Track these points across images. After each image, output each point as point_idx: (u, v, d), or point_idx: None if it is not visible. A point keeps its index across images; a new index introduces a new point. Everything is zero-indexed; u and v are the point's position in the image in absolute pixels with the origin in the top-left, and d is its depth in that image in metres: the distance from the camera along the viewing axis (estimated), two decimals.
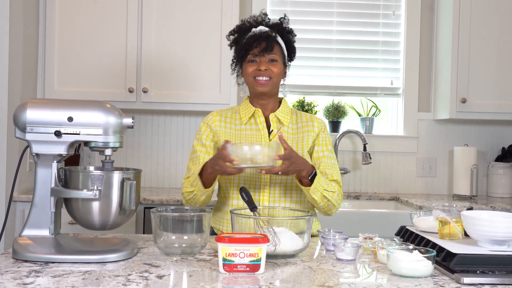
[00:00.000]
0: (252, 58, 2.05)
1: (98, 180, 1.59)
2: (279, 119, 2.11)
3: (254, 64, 2.05)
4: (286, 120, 2.11)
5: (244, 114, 2.12)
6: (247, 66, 2.07)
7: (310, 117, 2.16)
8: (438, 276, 1.46)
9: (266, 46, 2.02)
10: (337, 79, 3.70)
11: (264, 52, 2.02)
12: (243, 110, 2.13)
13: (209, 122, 2.13)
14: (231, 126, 2.12)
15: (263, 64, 2.03)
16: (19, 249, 1.54)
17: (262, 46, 2.02)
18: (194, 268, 1.49)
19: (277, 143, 1.86)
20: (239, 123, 2.12)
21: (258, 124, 2.09)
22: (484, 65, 3.38)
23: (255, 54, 2.04)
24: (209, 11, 3.27)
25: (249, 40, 2.04)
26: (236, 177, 2.02)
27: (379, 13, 3.70)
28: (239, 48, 2.08)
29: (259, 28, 2.07)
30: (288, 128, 2.11)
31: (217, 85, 3.28)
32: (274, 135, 2.08)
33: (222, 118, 2.14)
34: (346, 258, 1.62)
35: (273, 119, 2.11)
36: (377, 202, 3.53)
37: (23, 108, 1.60)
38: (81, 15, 3.25)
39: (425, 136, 3.73)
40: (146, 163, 3.61)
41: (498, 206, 3.12)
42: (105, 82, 3.25)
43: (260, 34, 2.04)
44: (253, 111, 2.11)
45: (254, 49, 2.03)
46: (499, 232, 1.49)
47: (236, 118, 2.14)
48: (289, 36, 2.14)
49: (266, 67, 2.03)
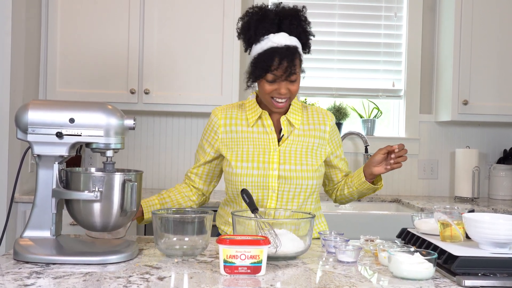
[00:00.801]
0: (271, 79, 1.90)
1: (100, 181, 1.59)
2: (290, 122, 2.03)
3: (273, 85, 1.91)
4: (298, 121, 2.03)
5: (251, 115, 2.03)
6: (264, 84, 1.92)
7: (323, 119, 2.08)
8: (439, 278, 1.46)
9: (288, 66, 1.87)
10: (338, 80, 3.71)
11: (286, 74, 1.88)
12: (250, 109, 2.04)
13: (215, 127, 2.05)
14: (237, 129, 2.03)
15: (283, 87, 1.90)
16: (20, 250, 1.54)
17: (284, 65, 1.86)
18: (195, 270, 1.49)
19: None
20: (246, 124, 2.03)
21: (266, 127, 2.02)
22: (486, 67, 3.37)
23: (276, 76, 1.89)
24: (211, 12, 3.27)
25: (269, 55, 1.87)
26: (244, 180, 1.96)
27: (381, 15, 3.70)
28: (257, 61, 1.90)
29: (279, 40, 1.89)
30: (299, 130, 2.03)
31: (219, 86, 3.28)
32: (284, 140, 2.01)
33: (228, 121, 2.04)
34: (347, 260, 1.62)
35: (284, 122, 2.02)
36: (379, 204, 3.52)
37: (25, 109, 1.60)
38: (83, 17, 3.25)
39: (426, 138, 3.73)
40: (148, 164, 3.61)
41: (499, 209, 3.12)
42: (106, 83, 3.25)
43: (281, 51, 1.87)
44: (259, 113, 2.02)
45: (275, 71, 1.88)
46: (500, 234, 1.49)
47: (242, 118, 2.04)
48: (308, 24, 2.00)
49: (286, 90, 1.91)
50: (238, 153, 1.99)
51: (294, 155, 1.98)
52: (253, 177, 1.95)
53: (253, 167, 1.96)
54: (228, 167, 2.00)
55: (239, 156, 1.99)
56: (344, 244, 1.66)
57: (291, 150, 1.99)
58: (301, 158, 1.98)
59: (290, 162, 1.97)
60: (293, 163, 1.96)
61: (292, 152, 1.99)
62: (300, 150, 2.00)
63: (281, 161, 1.97)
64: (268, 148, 1.99)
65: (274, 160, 1.96)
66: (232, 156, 1.99)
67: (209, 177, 2.12)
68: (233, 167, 1.97)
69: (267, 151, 1.98)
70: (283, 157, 1.97)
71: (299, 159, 1.98)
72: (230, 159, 1.99)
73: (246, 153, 1.99)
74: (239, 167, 1.97)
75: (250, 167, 1.96)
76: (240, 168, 1.96)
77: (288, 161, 1.97)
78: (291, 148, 2.00)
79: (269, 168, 1.95)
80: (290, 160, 1.97)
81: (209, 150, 2.07)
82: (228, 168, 2.00)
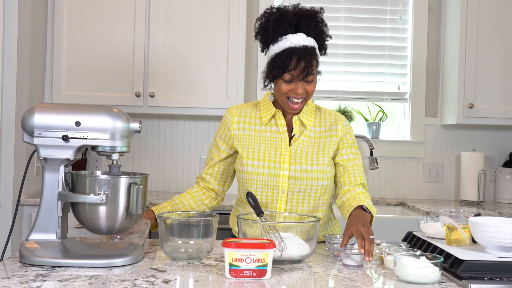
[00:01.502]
0: (288, 79, 1.91)
1: (105, 184, 1.59)
2: (302, 122, 2.02)
3: (290, 85, 1.91)
4: (310, 122, 2.02)
5: (265, 114, 2.03)
6: (281, 84, 1.92)
7: (335, 120, 2.05)
8: (445, 282, 1.45)
9: (306, 66, 1.88)
10: (344, 84, 3.70)
11: (303, 74, 1.88)
12: (264, 109, 2.04)
13: (228, 124, 2.05)
14: (250, 127, 2.03)
15: (300, 87, 1.91)
16: (26, 253, 1.54)
17: (301, 66, 1.87)
18: (201, 273, 1.49)
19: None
20: (259, 123, 2.04)
21: (279, 127, 2.02)
22: (492, 70, 3.36)
23: (293, 76, 1.89)
24: (216, 16, 3.27)
25: (287, 55, 1.88)
26: (254, 179, 1.96)
27: (386, 18, 3.70)
28: (275, 61, 1.91)
29: (297, 40, 1.90)
30: (311, 132, 2.02)
31: (224, 89, 3.29)
32: (295, 140, 2.00)
33: (241, 119, 2.04)
34: (352, 264, 1.62)
35: (296, 122, 2.01)
36: (384, 207, 3.52)
37: (31, 113, 1.61)
38: (89, 21, 3.26)
39: (432, 141, 3.72)
40: (153, 167, 3.62)
41: (505, 212, 3.11)
42: (112, 86, 3.26)
43: (299, 51, 1.88)
44: (273, 112, 2.01)
45: (293, 71, 1.88)
46: (507, 238, 1.49)
47: (256, 117, 2.04)
48: (326, 25, 2.01)
49: (302, 90, 1.91)
50: (249, 151, 1.99)
51: (305, 155, 1.98)
52: (263, 175, 1.95)
53: (263, 166, 1.96)
54: (240, 165, 2.00)
55: (250, 154, 1.99)
56: (349, 248, 1.66)
57: (302, 150, 1.99)
58: (312, 159, 1.97)
59: (301, 162, 1.96)
60: (303, 163, 1.96)
61: (303, 152, 1.98)
62: (312, 150, 1.99)
63: (291, 161, 1.96)
64: (279, 147, 1.99)
65: (285, 160, 1.96)
66: (243, 153, 2.00)
67: (224, 176, 2.12)
68: (244, 165, 1.97)
69: (278, 151, 1.98)
70: (294, 157, 1.97)
71: (310, 159, 1.97)
72: (242, 155, 1.99)
73: (258, 152, 1.99)
74: (249, 165, 1.97)
75: (261, 166, 1.96)
76: (251, 166, 1.96)
77: (299, 161, 1.96)
78: (302, 148, 1.99)
79: (280, 168, 1.95)
80: (301, 160, 1.96)
81: (223, 148, 2.07)
82: (240, 166, 2.00)
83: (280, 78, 1.92)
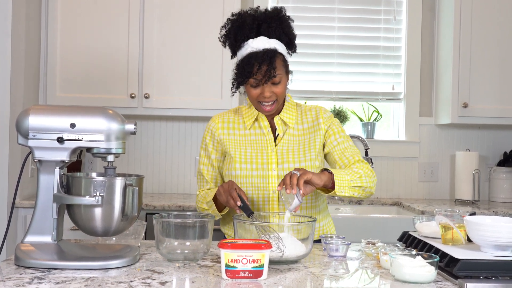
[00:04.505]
0: (254, 84, 1.93)
1: (101, 186, 1.59)
2: (284, 121, 2.04)
3: (257, 89, 1.93)
4: (292, 121, 2.04)
5: (247, 118, 2.05)
6: (250, 89, 1.95)
7: (316, 115, 2.06)
8: (441, 281, 1.46)
9: (268, 69, 1.88)
10: (338, 84, 3.71)
11: (266, 78, 1.89)
12: (246, 113, 2.07)
13: (213, 130, 2.07)
14: (235, 132, 2.05)
15: (267, 90, 1.92)
16: (22, 255, 1.54)
17: (263, 69, 1.88)
18: (197, 274, 1.49)
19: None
20: (243, 127, 2.06)
21: (263, 128, 2.03)
22: (486, 69, 3.38)
23: (257, 80, 1.91)
24: (210, 17, 3.27)
25: (248, 60, 1.89)
26: (243, 182, 1.97)
27: (380, 18, 3.71)
28: (238, 68, 1.93)
29: (257, 44, 1.90)
30: (294, 130, 2.04)
31: (219, 90, 3.29)
32: (280, 139, 2.02)
33: (225, 125, 2.07)
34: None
35: (278, 122, 2.03)
36: (379, 207, 3.52)
37: (25, 115, 1.60)
38: (83, 22, 3.25)
39: (426, 141, 3.73)
40: (148, 169, 3.61)
41: (500, 211, 3.12)
42: (107, 88, 3.25)
43: (258, 56, 1.88)
44: (256, 115, 2.04)
45: (255, 75, 1.89)
46: (502, 237, 1.49)
47: (239, 122, 2.07)
48: (288, 24, 1.97)
49: (270, 93, 1.92)
50: (236, 155, 2.00)
51: (292, 153, 1.99)
52: (252, 178, 1.96)
53: (252, 168, 1.97)
54: (228, 169, 2.01)
55: (237, 157, 1.99)
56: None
57: (288, 149, 2.00)
58: (299, 156, 1.99)
59: (289, 161, 1.97)
60: (291, 161, 1.97)
61: (289, 150, 2.00)
62: (298, 148, 2.01)
63: (279, 160, 1.98)
64: (266, 149, 2.00)
65: (272, 161, 1.97)
66: (236, 157, 2.00)
67: (219, 181, 2.12)
68: (233, 169, 1.98)
69: (265, 152, 1.99)
70: (281, 157, 1.98)
71: (297, 157, 1.98)
72: (234, 158, 2.00)
73: (245, 155, 2.00)
74: (238, 169, 1.98)
75: (249, 169, 1.97)
76: (239, 170, 1.97)
77: (286, 160, 1.98)
78: (288, 147, 2.01)
79: (268, 168, 1.96)
80: (288, 159, 1.98)
81: (214, 156, 2.07)
82: (228, 171, 2.01)
83: (247, 84, 1.94)
